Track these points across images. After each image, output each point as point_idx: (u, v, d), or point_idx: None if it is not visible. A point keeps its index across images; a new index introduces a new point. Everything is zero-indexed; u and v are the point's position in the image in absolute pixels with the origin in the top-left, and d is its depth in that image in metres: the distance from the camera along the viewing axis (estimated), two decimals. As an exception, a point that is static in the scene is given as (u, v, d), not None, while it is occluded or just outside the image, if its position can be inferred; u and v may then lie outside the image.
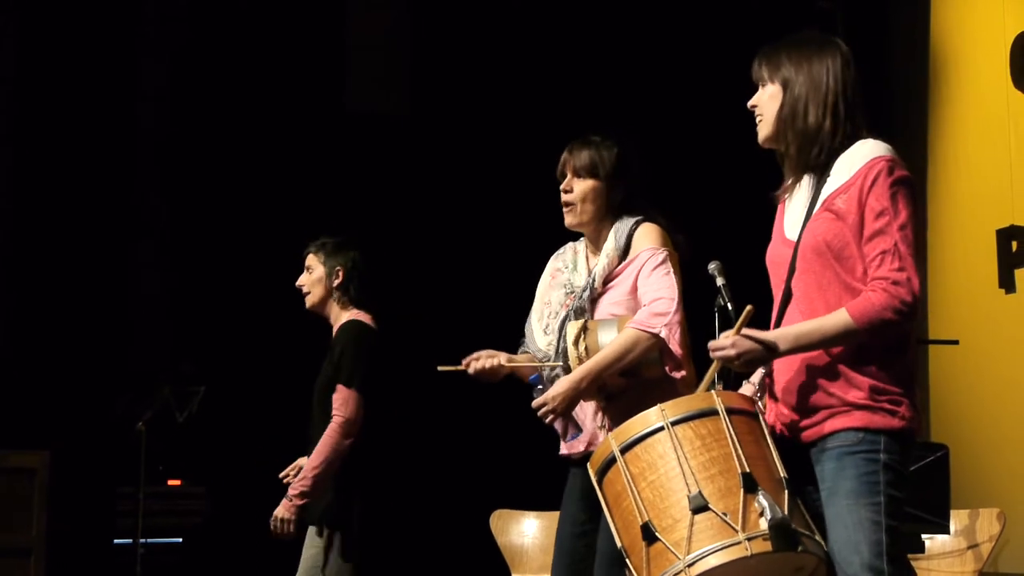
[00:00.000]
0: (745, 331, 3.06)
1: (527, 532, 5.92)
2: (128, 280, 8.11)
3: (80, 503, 7.28)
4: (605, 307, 3.98)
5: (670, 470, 2.97)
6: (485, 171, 8.36)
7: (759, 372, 3.32)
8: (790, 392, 3.11)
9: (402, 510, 5.00)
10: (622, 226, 4.03)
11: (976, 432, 6.45)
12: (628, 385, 3.88)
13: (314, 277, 4.99)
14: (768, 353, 3.04)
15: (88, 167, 7.82)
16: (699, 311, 4.04)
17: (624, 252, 4.00)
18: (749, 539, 2.86)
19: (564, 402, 3.82)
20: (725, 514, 2.90)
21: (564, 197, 4.07)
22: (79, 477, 7.23)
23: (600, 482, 3.13)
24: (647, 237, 4.01)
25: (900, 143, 3.29)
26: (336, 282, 4.99)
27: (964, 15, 6.87)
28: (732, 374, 3.39)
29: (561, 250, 4.24)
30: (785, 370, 3.13)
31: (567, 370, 3.89)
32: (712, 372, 3.19)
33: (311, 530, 4.89)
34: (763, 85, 3.25)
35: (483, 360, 3.99)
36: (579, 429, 3.95)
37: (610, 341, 3.83)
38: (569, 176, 4.06)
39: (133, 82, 8.21)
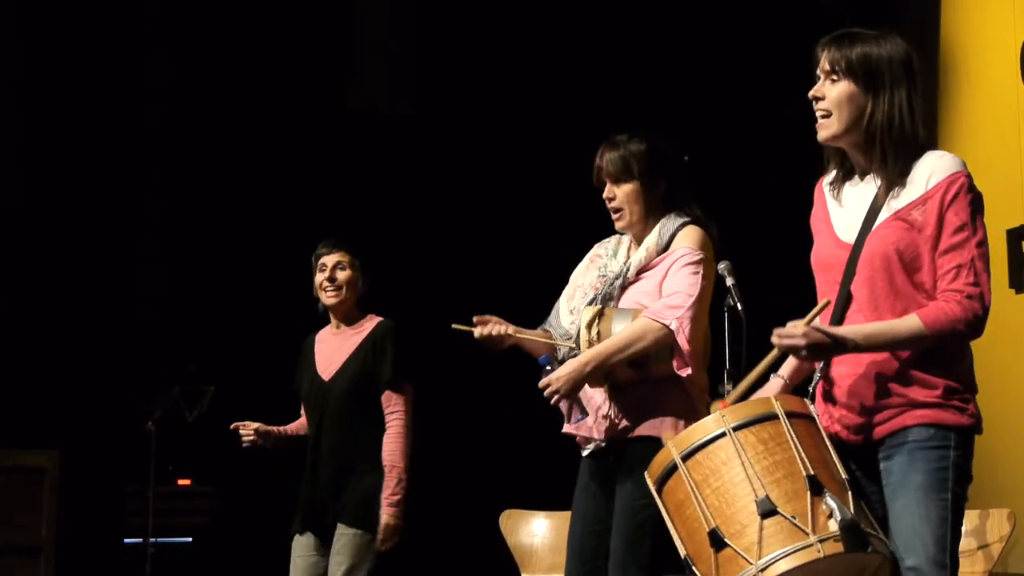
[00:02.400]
0: (815, 324, 3.05)
1: (537, 532, 5.91)
2: (134, 278, 8.12)
3: (90, 503, 7.29)
4: (632, 296, 3.99)
5: (735, 476, 2.96)
6: (490, 172, 8.36)
7: (788, 366, 3.33)
8: (855, 394, 3.11)
9: (412, 510, 4.99)
10: (668, 224, 4.04)
11: (986, 432, 6.43)
12: (637, 378, 3.88)
13: (349, 276, 4.97)
14: (836, 348, 3.03)
15: (92, 165, 7.82)
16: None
17: (664, 248, 4.01)
18: (821, 541, 2.85)
19: (568, 384, 3.83)
20: (794, 517, 2.88)
21: (609, 204, 4.08)
22: (89, 477, 7.24)
23: (660, 491, 3.11)
24: (688, 237, 4.01)
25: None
26: (363, 288, 5.00)
27: (974, 15, 6.86)
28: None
29: (607, 239, 4.25)
30: (849, 374, 3.13)
31: (576, 353, 3.91)
32: (768, 361, 3.17)
33: (307, 537, 4.87)
34: (832, 79, 3.14)
35: (491, 326, 4.02)
36: (584, 412, 3.94)
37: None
38: (608, 184, 4.07)
39: (136, 80, 8.22)
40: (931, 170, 3.06)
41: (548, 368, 3.93)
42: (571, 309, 4.10)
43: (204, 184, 8.34)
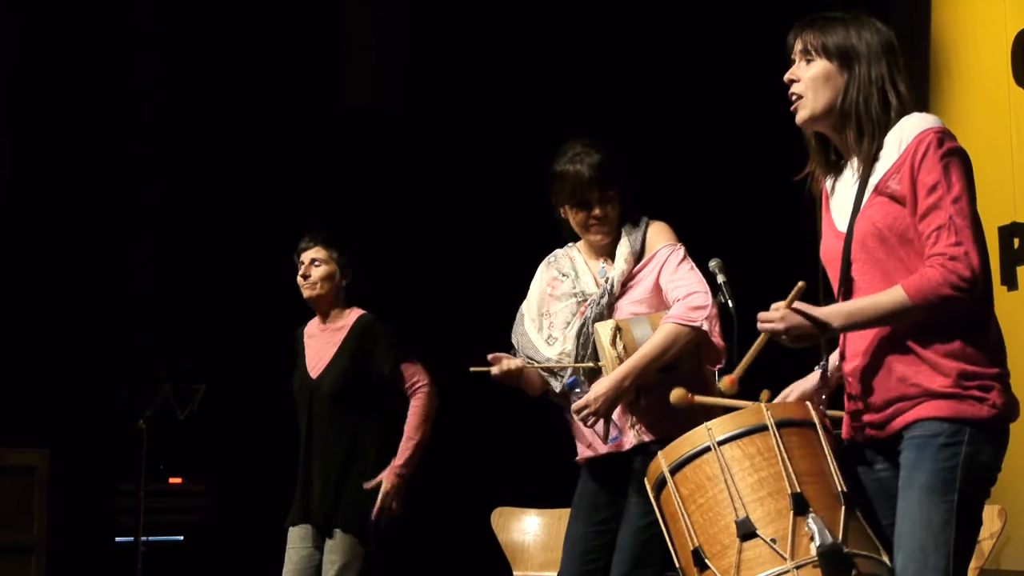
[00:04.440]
0: (796, 305, 2.90)
1: (528, 529, 5.90)
2: (126, 276, 8.11)
3: (81, 501, 7.28)
4: (625, 308, 3.92)
5: (718, 493, 2.88)
6: (480, 168, 8.36)
7: (833, 361, 3.15)
8: (869, 388, 2.94)
9: (405, 508, 4.99)
10: (633, 230, 3.99)
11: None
12: (663, 380, 3.79)
13: (325, 272, 4.94)
14: (818, 330, 2.89)
15: (86, 163, 7.81)
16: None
17: (640, 254, 3.96)
18: (798, 567, 2.76)
19: (607, 403, 3.76)
20: (774, 540, 2.79)
21: (599, 221, 3.97)
22: (80, 475, 7.23)
23: (657, 499, 3.06)
24: (660, 235, 3.98)
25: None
26: (345, 281, 4.97)
27: (965, 12, 6.86)
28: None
29: (551, 257, 4.17)
30: (861, 366, 2.96)
31: (596, 371, 3.84)
32: (758, 347, 3.07)
33: (301, 529, 4.85)
34: (807, 59, 3.03)
35: (506, 362, 3.93)
36: (619, 430, 3.88)
37: (647, 338, 3.78)
38: (594, 199, 3.96)
39: (131, 77, 8.21)
40: (900, 135, 2.92)
41: (578, 390, 3.86)
42: (546, 339, 4.00)
43: (198, 181, 8.34)
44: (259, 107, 8.28)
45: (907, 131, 2.91)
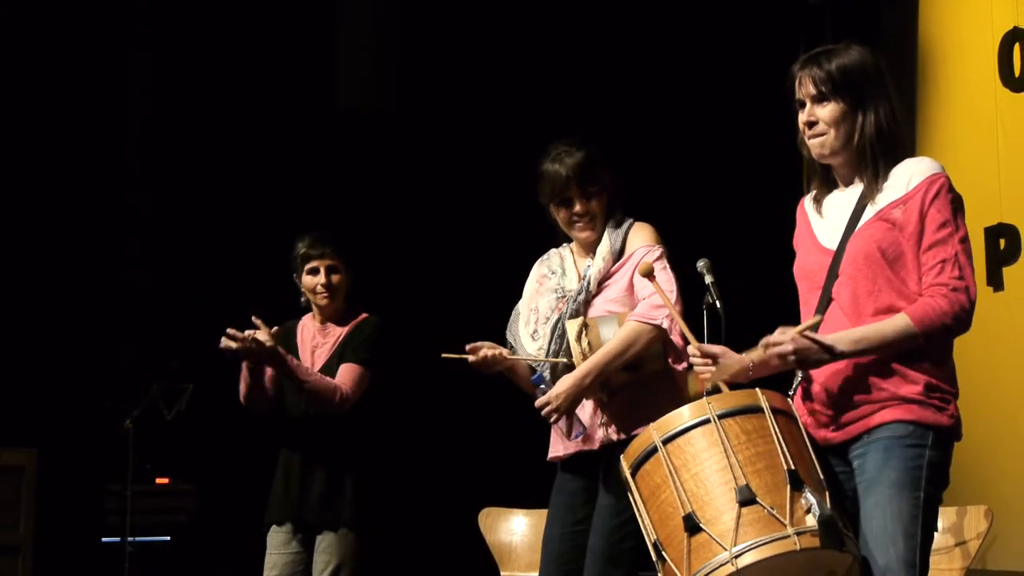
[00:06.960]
0: (805, 334, 3.08)
1: (515, 530, 5.91)
2: (116, 277, 8.09)
3: (68, 501, 7.26)
4: (600, 306, 3.96)
5: (715, 463, 2.97)
6: (474, 168, 8.36)
7: (758, 357, 3.28)
8: (834, 390, 3.14)
9: (392, 508, 4.98)
10: (616, 229, 4.03)
11: (963, 429, 6.46)
12: (630, 380, 3.86)
13: (341, 279, 4.90)
14: (825, 355, 3.06)
15: (76, 163, 7.80)
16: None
17: (619, 253, 4.00)
18: (798, 534, 2.86)
19: (568, 399, 3.80)
20: (773, 508, 2.89)
21: (582, 218, 4.02)
22: (67, 475, 7.22)
23: (634, 474, 3.10)
24: (640, 235, 4.01)
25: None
26: (350, 285, 4.95)
27: (952, 14, 6.88)
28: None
29: (545, 256, 4.22)
30: (828, 370, 3.15)
31: (569, 367, 3.86)
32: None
33: (284, 534, 4.83)
34: (821, 102, 3.21)
35: (484, 350, 3.95)
36: (583, 427, 3.91)
37: (612, 336, 3.82)
38: (577, 197, 4.01)
39: (122, 78, 8.20)
40: (910, 173, 3.14)
41: (543, 387, 3.88)
42: (531, 334, 4.04)
43: (189, 182, 8.33)
44: (252, 108, 8.28)
45: (917, 171, 3.14)
